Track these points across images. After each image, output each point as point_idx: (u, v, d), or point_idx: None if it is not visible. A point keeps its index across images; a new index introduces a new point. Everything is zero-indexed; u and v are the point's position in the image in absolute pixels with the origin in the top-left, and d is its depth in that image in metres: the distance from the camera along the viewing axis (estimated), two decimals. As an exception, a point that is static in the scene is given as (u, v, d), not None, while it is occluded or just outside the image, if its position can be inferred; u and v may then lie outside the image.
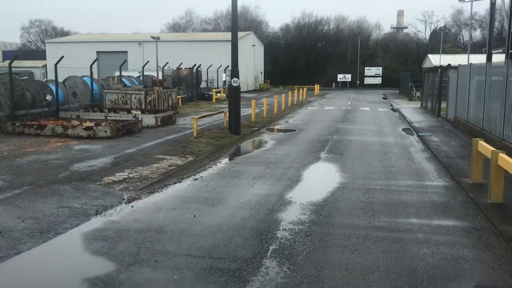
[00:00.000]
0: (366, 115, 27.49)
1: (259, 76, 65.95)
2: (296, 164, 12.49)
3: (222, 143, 15.56)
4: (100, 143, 14.93)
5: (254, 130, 19.60)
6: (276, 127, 21.54)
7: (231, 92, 17.73)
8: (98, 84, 24.50)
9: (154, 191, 9.62)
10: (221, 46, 53.49)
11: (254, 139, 17.43)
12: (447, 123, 22.01)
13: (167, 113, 20.58)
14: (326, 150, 14.88)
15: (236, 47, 17.56)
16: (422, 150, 15.05)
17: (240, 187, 10.02)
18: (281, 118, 25.46)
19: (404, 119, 25.21)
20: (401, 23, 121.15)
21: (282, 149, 14.97)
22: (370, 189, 9.83)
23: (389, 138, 17.71)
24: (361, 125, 22.27)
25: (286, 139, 17.40)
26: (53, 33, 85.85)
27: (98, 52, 54.68)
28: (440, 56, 45.04)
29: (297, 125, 21.84)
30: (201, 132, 17.71)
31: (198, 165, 12.21)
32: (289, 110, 30.28)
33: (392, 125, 22.53)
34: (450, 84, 23.06)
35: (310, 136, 18.17)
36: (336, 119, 24.79)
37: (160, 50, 52.68)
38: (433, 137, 17.62)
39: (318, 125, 21.89)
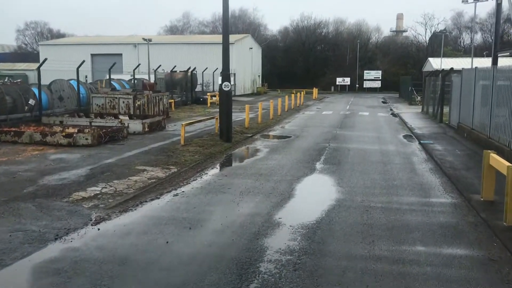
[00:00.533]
0: (365, 121, 26.47)
1: (257, 79, 64.94)
2: (289, 176, 11.44)
3: (211, 152, 14.51)
4: (79, 152, 13.87)
5: (247, 137, 18.56)
6: (271, 133, 20.51)
7: (222, 97, 16.70)
8: (85, 88, 23.47)
9: (127, 209, 8.57)
10: (217, 49, 52.46)
11: (246, 147, 16.39)
12: (450, 130, 20.99)
13: (155, 119, 19.55)
14: (322, 159, 13.83)
15: (228, 49, 16.53)
16: (425, 160, 14.01)
17: (224, 204, 8.97)
18: (276, 123, 24.42)
19: (405, 125, 24.19)
20: (400, 26, 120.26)
21: (275, 158, 13.93)
22: (369, 208, 8.78)
23: (390, 146, 16.67)
24: (360, 131, 21.24)
25: (280, 147, 16.36)
26: (49, 35, 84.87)
27: (92, 54, 53.71)
28: (441, 59, 44.04)
29: (293, 131, 20.80)
30: (190, 140, 16.67)
31: (182, 178, 11.16)
32: (286, 115, 29.25)
33: (392, 131, 21.50)
34: (453, 88, 22.05)
35: (306, 143, 17.14)
36: (334, 125, 23.76)
37: (155, 52, 51.73)
38: (436, 145, 16.58)
39: (315, 131, 20.86)
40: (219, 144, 16.06)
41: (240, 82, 55.10)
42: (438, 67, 44.04)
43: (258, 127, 21.86)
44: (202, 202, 9.09)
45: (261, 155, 14.64)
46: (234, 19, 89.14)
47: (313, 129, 21.70)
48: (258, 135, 19.44)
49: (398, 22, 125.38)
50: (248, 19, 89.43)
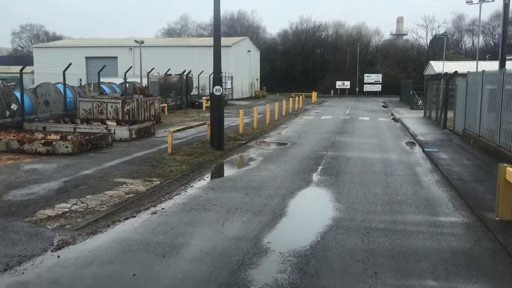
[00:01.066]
0: (366, 126, 25.46)
1: (255, 82, 63.86)
2: (283, 190, 10.42)
3: (199, 161, 13.48)
4: (57, 162, 12.85)
5: (241, 144, 17.54)
6: (266, 140, 19.49)
7: (213, 102, 15.69)
8: (73, 92, 22.46)
9: (96, 231, 7.55)
10: (215, 52, 51.65)
11: (239, 155, 15.36)
12: (455, 136, 19.97)
13: (144, 124, 18.53)
14: (320, 170, 12.80)
15: (219, 51, 15.55)
16: (430, 171, 12.99)
17: (207, 225, 7.95)
18: (273, 129, 23.41)
19: (407, 130, 23.17)
20: (400, 29, 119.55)
21: (268, 168, 12.90)
22: (371, 229, 7.76)
23: (392, 155, 15.65)
24: (360, 137, 20.22)
25: (276, 155, 15.33)
26: (45, 38, 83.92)
27: (87, 57, 52.74)
28: (443, 62, 43.06)
29: (289, 138, 19.79)
30: (179, 147, 15.65)
31: (164, 192, 10.14)
32: (283, 120, 28.24)
33: (394, 138, 20.48)
34: (458, 93, 21.05)
35: (302, 151, 16.12)
36: (333, 131, 22.75)
37: (151, 55, 50.78)
38: (441, 154, 15.56)
39: (312, 138, 19.84)
40: (210, 152, 15.04)
41: (237, 86, 54.11)
42: (440, 70, 43.06)
43: (253, 133, 20.85)
44: (182, 222, 8.06)
45: (254, 164, 13.61)
46: (233, 21, 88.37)
47: (311, 135, 20.69)
48: (252, 142, 18.42)
49: (398, 26, 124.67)
50: (246, 22, 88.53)
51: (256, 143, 18.25)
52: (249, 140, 18.69)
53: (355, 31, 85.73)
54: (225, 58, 50.97)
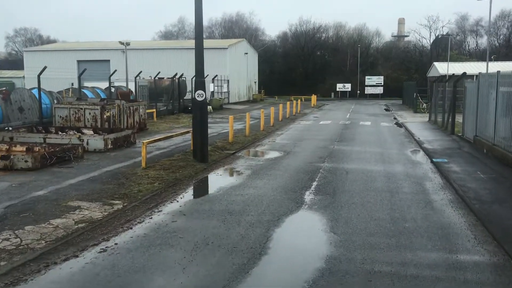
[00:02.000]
0: (367, 132, 23.73)
1: (253, 86, 62.08)
2: (267, 215, 8.70)
3: (176, 178, 11.77)
4: (11, 179, 11.15)
5: (229, 155, 15.83)
6: (258, 149, 17.78)
7: (195, 109, 13.99)
8: (50, 98, 20.80)
9: (19, 280, 5.84)
10: (211, 54, 49.77)
11: (224, 168, 13.64)
12: (465, 144, 18.22)
13: (122, 133, 16.83)
14: (314, 187, 11.08)
15: (201, 50, 13.88)
16: (441, 187, 11.26)
17: (164, 270, 6.23)
18: (267, 136, 21.69)
19: (412, 137, 21.43)
20: (402, 31, 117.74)
21: (255, 185, 11.19)
22: (374, 274, 6.04)
23: (397, 166, 13.92)
24: (360, 145, 18.50)
25: (266, 168, 13.61)
26: (39, 42, 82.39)
27: (79, 61, 51.12)
28: (448, 64, 41.36)
29: (283, 147, 18.07)
30: (157, 160, 13.95)
31: (124, 219, 8.43)
32: (279, 126, 26.53)
33: (398, 145, 18.75)
34: (468, 96, 19.33)
35: (296, 163, 14.40)
36: (332, 137, 21.02)
37: (144, 58, 49.22)
38: (452, 165, 13.83)
39: (309, 146, 18.13)
40: (191, 165, 13.33)
41: (234, 89, 52.36)
42: (444, 72, 41.34)
43: (244, 141, 19.14)
44: (134, 266, 6.35)
45: (239, 180, 11.89)
46: (231, 23, 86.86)
47: (307, 144, 18.97)
48: (242, 152, 16.71)
49: (400, 27, 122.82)
50: (245, 24, 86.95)
51: (246, 153, 16.54)
52: (239, 150, 16.98)
53: (356, 33, 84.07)
54: (221, 61, 49.44)
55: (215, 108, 38.74)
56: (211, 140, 19.07)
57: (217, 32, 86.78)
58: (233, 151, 16.57)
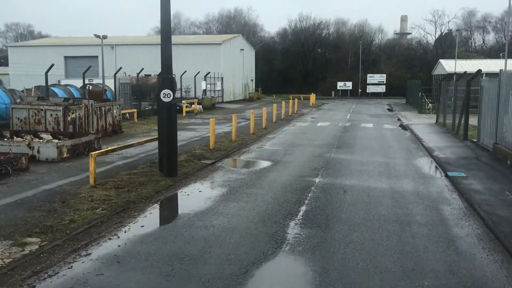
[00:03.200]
0: (369, 136, 21.29)
1: (249, 84, 59.41)
2: (233, 265, 6.30)
3: (129, 199, 9.37)
4: None
5: (206, 165, 13.42)
6: (243, 157, 15.37)
7: (161, 111, 11.57)
8: (11, 97, 18.39)
9: None
10: (204, 50, 47.38)
11: (194, 185, 11.21)
12: (482, 153, 15.79)
13: (83, 139, 14.42)
14: (302, 215, 8.68)
15: (168, 36, 11.43)
16: (464, 214, 8.85)
17: None
18: (256, 140, 19.29)
19: (420, 142, 18.99)
20: (404, 28, 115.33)
21: (227, 212, 8.80)
22: None
23: (405, 182, 11.50)
24: (362, 153, 16.08)
25: (246, 184, 11.20)
26: (30, 37, 79.89)
27: (66, 57, 48.71)
28: (455, 61, 38.85)
29: (272, 155, 15.67)
30: (114, 173, 11.56)
31: (31, 270, 6.05)
32: (272, 128, 24.11)
33: (405, 153, 16.32)
34: (484, 96, 16.89)
35: (285, 177, 12.00)
36: (329, 143, 18.60)
37: (134, 54, 46.85)
38: (472, 182, 11.41)
39: (302, 154, 15.73)
40: (154, 181, 10.93)
41: (228, 87, 49.81)
42: (451, 70, 38.85)
43: (229, 147, 16.74)
44: None
45: (209, 203, 9.48)
46: (229, 19, 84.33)
47: (300, 151, 16.56)
48: (222, 162, 14.31)
49: (402, 24, 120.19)
50: (243, 20, 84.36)
51: (227, 164, 14.12)
52: (219, 159, 14.57)
53: (357, 29, 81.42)
54: (214, 57, 46.94)
55: (207, 107, 36.34)
56: (189, 146, 16.69)
57: (214, 28, 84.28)
58: (212, 160, 14.16)
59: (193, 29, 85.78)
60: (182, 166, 12.67)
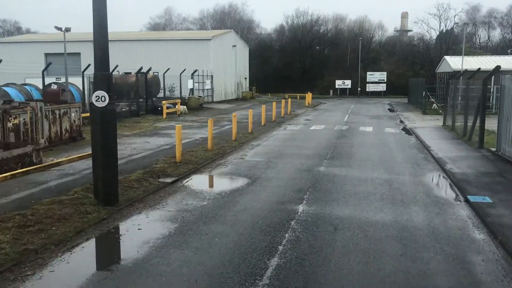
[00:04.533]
0: (368, 143, 18.57)
1: (243, 82, 56.43)
2: None
3: (31, 246, 6.66)
4: None
5: (163, 186, 10.71)
6: (215, 172, 12.66)
7: (94, 121, 8.82)
8: None
9: None
10: (192, 46, 44.50)
11: (135, 220, 8.48)
12: (505, 166, 13.08)
13: (13, 152, 11.68)
14: (268, 276, 5.98)
15: (103, 23, 8.74)
16: (504, 272, 6.15)
17: None
18: (237, 149, 16.59)
19: (428, 151, 16.28)
20: (405, 25, 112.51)
21: (162, 270, 6.11)
22: None
23: (415, 214, 8.80)
24: (359, 167, 13.38)
25: (204, 217, 8.49)
26: (18, 34, 76.96)
27: (46, 54, 45.85)
28: (462, 58, 36.04)
29: (252, 169, 12.96)
30: (35, 200, 8.84)
31: None
32: (260, 132, 21.38)
33: (411, 166, 13.60)
34: (505, 97, 14.17)
35: (259, 204, 9.31)
36: (321, 152, 15.90)
37: (119, 51, 43.95)
38: (503, 212, 8.71)
39: (287, 168, 13.03)
40: (82, 212, 8.21)
41: (219, 86, 46.90)
42: (457, 67, 36.08)
43: (201, 159, 14.03)
44: None
45: (142, 253, 6.76)
46: (224, 15, 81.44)
47: (286, 163, 13.85)
48: (187, 180, 11.60)
49: (403, 21, 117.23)
50: (238, 16, 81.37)
51: (192, 183, 11.41)
52: (184, 176, 11.86)
53: (357, 25, 78.50)
54: (203, 54, 44.00)
55: (193, 108, 33.59)
56: (153, 158, 13.99)
57: (208, 24, 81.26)
58: (173, 178, 11.45)
59: (186, 25, 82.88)
60: (129, 189, 9.98)
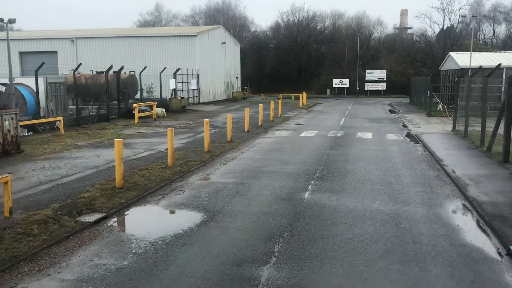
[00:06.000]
0: (367, 155, 15.48)
1: (234, 82, 53.06)
2: None
3: None
4: None
5: (81, 228, 7.64)
6: (165, 203, 9.58)
7: None
8: None
9: None
10: (175, 43, 41.28)
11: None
12: (547, 191, 9.99)
13: None
14: None
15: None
16: None
17: None
18: (206, 165, 13.51)
19: (441, 166, 13.20)
20: (405, 23, 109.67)
21: None
22: None
23: (437, 280, 5.71)
24: (355, 192, 10.30)
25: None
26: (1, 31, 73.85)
27: (21, 52, 42.75)
28: (470, 54, 32.91)
29: (215, 196, 9.89)
30: None
31: None
32: (240, 141, 18.31)
33: (422, 191, 10.51)
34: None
35: (207, 262, 6.30)
36: (308, 169, 12.83)
37: (100, 49, 40.96)
38: None
39: (261, 195, 9.96)
40: None
41: (206, 86, 43.56)
42: (464, 64, 32.97)
43: (153, 180, 10.96)
44: None
45: None
46: (217, 12, 78.24)
47: (262, 186, 10.78)
48: (118, 217, 8.51)
49: (402, 19, 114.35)
50: (231, 12, 78.16)
51: (125, 222, 8.33)
52: (118, 209, 8.78)
53: (355, 22, 75.33)
54: (189, 51, 40.59)
55: (175, 110, 30.49)
56: (89, 180, 10.89)
57: (201, 22, 78.09)
58: (100, 214, 8.37)
59: (176, 23, 79.67)
60: (22, 238, 6.92)
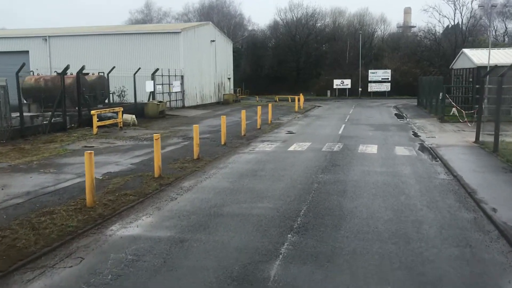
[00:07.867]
0: (371, 184, 11.61)
1: (226, 83, 48.98)
2: None
3: None
4: None
5: None
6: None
7: None
8: None
9: None
10: (155, 41, 37.41)
11: None
12: None
13: None
14: None
15: None
16: None
17: None
18: (143, 202, 9.69)
19: (477, 204, 9.34)
20: (408, 21, 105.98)
21: None
22: None
23: None
24: (352, 263, 6.48)
25: None
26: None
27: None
28: (489, 50, 28.82)
29: (122, 275, 6.06)
30: None
31: None
32: (212, 157, 14.48)
33: (460, 255, 6.67)
34: None
35: None
36: (288, 210, 8.99)
37: (75, 48, 37.24)
38: None
39: (197, 273, 6.13)
40: None
41: (193, 88, 39.42)
42: (482, 62, 29.05)
43: (43, 240, 7.16)
44: None
45: None
46: (210, 9, 74.52)
47: (207, 250, 6.96)
48: None
49: (406, 17, 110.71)
50: (226, 9, 74.45)
51: None
52: None
53: (357, 19, 71.50)
54: (172, 50, 36.29)
55: (151, 116, 26.68)
56: None
57: (194, 20, 74.44)
58: None
59: (168, 21, 75.98)
60: None
